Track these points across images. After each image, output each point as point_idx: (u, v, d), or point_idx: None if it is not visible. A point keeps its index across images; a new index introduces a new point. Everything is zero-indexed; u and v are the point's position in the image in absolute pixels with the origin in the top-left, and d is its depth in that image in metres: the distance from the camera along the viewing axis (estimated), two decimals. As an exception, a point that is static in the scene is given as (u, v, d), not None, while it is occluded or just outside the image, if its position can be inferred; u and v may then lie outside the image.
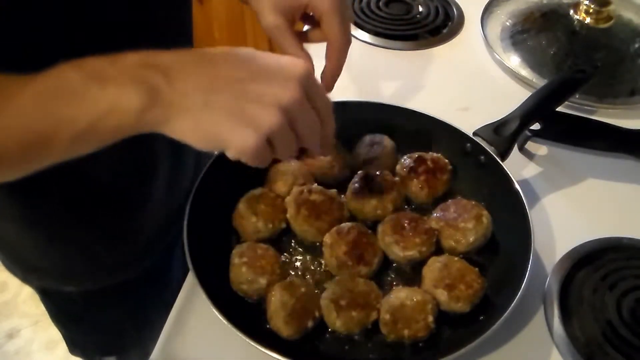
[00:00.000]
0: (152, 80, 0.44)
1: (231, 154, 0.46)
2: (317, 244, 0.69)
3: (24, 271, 0.81)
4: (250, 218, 0.68)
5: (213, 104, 0.44)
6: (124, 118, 0.44)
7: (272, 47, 2.33)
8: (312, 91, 0.48)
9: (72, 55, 0.46)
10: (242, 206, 0.69)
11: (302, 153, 0.53)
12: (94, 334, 0.92)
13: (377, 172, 0.73)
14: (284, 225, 0.70)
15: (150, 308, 0.92)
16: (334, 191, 0.72)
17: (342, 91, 0.92)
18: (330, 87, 0.64)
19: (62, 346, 0.97)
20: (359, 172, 0.73)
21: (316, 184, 0.73)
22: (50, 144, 0.45)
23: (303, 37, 0.64)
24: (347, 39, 0.64)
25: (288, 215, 0.70)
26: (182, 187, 0.81)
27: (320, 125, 0.50)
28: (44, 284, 0.84)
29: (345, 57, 0.64)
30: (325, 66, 0.63)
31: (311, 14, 0.63)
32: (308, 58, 0.62)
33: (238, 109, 0.45)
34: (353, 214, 0.72)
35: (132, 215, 0.76)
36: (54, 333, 0.97)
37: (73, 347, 0.96)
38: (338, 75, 0.65)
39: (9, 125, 0.44)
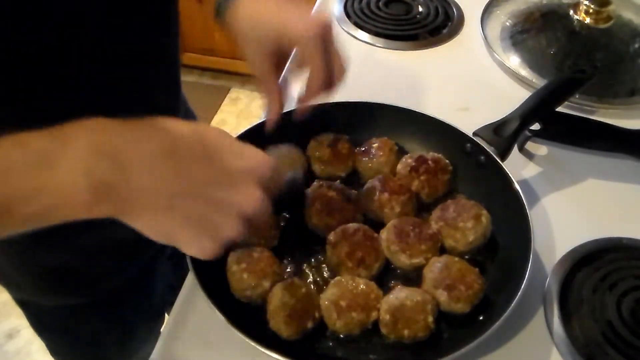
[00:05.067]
0: (105, 175, 0.41)
1: (187, 253, 0.46)
2: (319, 247, 0.69)
3: (4, 284, 0.80)
4: None
5: (174, 207, 0.42)
6: (73, 211, 0.42)
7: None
8: (269, 180, 0.47)
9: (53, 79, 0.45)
10: None
11: None
12: (74, 345, 0.91)
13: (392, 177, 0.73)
14: (275, 242, 0.69)
15: (132, 321, 0.91)
16: (353, 192, 0.72)
17: (343, 91, 0.92)
18: (298, 116, 0.67)
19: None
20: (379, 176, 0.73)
21: (338, 181, 0.73)
22: (3, 221, 0.42)
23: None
24: (320, 73, 0.62)
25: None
26: None
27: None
28: (22, 296, 0.82)
29: (316, 89, 0.64)
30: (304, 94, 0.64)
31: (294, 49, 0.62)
32: (277, 102, 0.64)
33: (200, 217, 0.43)
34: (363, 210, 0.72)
35: (106, 229, 0.74)
36: (54, 333, 0.97)
37: (56, 355, 0.95)
38: (307, 105, 0.66)
39: None
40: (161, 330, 0.67)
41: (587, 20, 1.01)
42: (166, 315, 1.07)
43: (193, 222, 0.43)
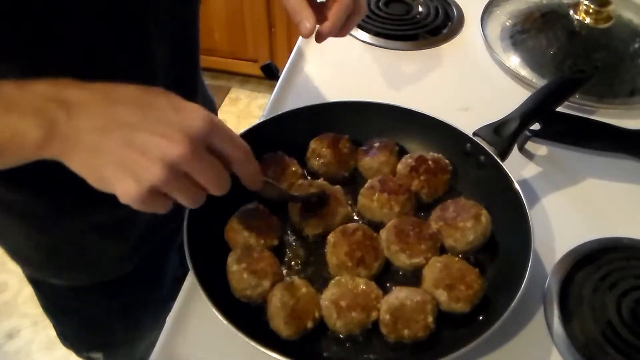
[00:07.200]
0: (53, 114, 0.45)
1: (120, 200, 0.46)
2: (319, 246, 0.69)
3: (20, 262, 0.82)
4: (242, 232, 0.67)
5: (100, 147, 0.45)
6: (22, 148, 0.45)
7: (272, 46, 2.34)
8: (216, 141, 0.48)
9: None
10: (235, 220, 0.68)
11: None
12: (81, 328, 0.93)
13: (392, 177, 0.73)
14: (275, 242, 0.69)
15: (140, 307, 0.92)
16: (337, 187, 0.72)
17: (343, 91, 0.92)
18: (317, 41, 0.67)
19: (62, 346, 0.97)
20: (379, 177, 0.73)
21: (322, 179, 0.73)
22: None
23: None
24: (348, 1, 0.65)
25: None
26: None
27: (226, 173, 0.49)
28: (36, 275, 0.85)
29: (341, 19, 0.66)
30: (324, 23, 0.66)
31: None
32: (311, 16, 0.63)
33: (122, 157, 0.45)
34: (360, 211, 0.72)
35: (120, 209, 0.76)
36: (54, 333, 0.98)
37: (64, 339, 0.97)
38: (330, 34, 0.66)
39: None
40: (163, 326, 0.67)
41: (587, 20, 1.01)
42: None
43: (116, 163, 0.45)
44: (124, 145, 0.44)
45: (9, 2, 0.49)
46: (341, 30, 0.68)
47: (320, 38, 0.67)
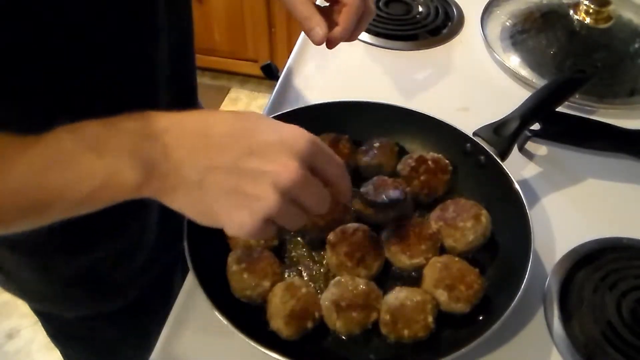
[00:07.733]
0: (149, 153, 0.43)
1: (229, 233, 0.45)
2: (319, 247, 0.69)
3: (26, 298, 0.80)
4: None
5: (208, 182, 0.43)
6: (120, 191, 0.43)
7: (272, 46, 2.35)
8: (318, 161, 0.46)
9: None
10: None
11: None
12: (89, 352, 0.91)
13: (391, 179, 0.72)
14: (276, 242, 0.69)
15: (148, 330, 0.90)
16: None
17: (343, 91, 0.92)
18: (329, 47, 0.66)
19: (62, 346, 0.98)
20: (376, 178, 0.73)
21: None
22: (45, 210, 0.45)
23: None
24: (359, 4, 0.64)
25: None
26: None
27: (328, 193, 0.47)
28: (43, 310, 0.82)
29: (353, 22, 0.65)
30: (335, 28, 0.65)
31: None
32: (322, 22, 0.62)
33: (233, 189, 0.43)
34: (358, 215, 0.72)
35: (126, 239, 0.74)
36: (54, 333, 0.97)
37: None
38: (342, 39, 0.66)
39: (5, 189, 0.43)
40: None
41: (587, 20, 1.01)
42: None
43: (226, 195, 0.43)
44: (232, 176, 0.42)
45: (9, 2, 0.49)
46: (352, 35, 0.67)
47: (331, 44, 0.65)
